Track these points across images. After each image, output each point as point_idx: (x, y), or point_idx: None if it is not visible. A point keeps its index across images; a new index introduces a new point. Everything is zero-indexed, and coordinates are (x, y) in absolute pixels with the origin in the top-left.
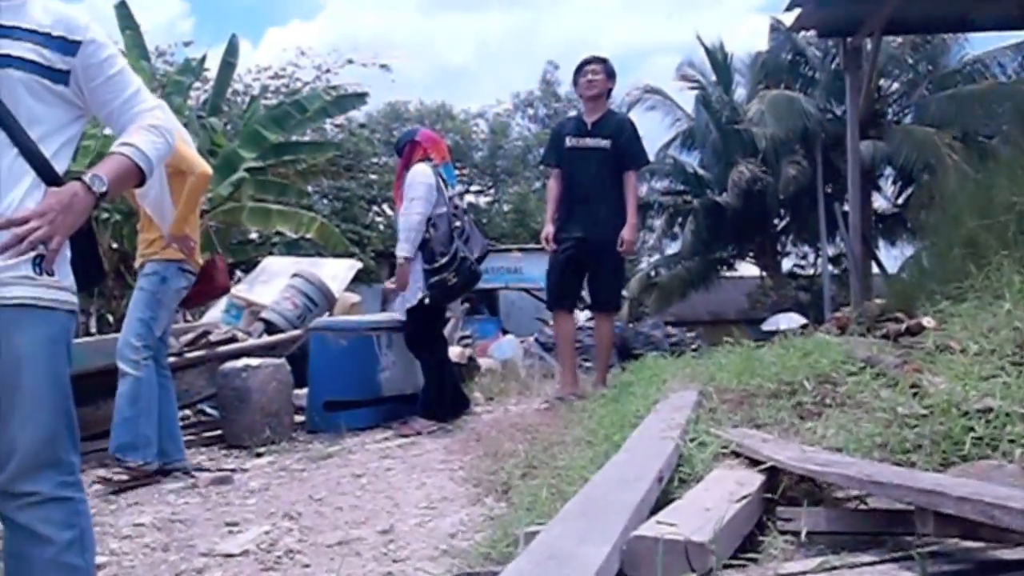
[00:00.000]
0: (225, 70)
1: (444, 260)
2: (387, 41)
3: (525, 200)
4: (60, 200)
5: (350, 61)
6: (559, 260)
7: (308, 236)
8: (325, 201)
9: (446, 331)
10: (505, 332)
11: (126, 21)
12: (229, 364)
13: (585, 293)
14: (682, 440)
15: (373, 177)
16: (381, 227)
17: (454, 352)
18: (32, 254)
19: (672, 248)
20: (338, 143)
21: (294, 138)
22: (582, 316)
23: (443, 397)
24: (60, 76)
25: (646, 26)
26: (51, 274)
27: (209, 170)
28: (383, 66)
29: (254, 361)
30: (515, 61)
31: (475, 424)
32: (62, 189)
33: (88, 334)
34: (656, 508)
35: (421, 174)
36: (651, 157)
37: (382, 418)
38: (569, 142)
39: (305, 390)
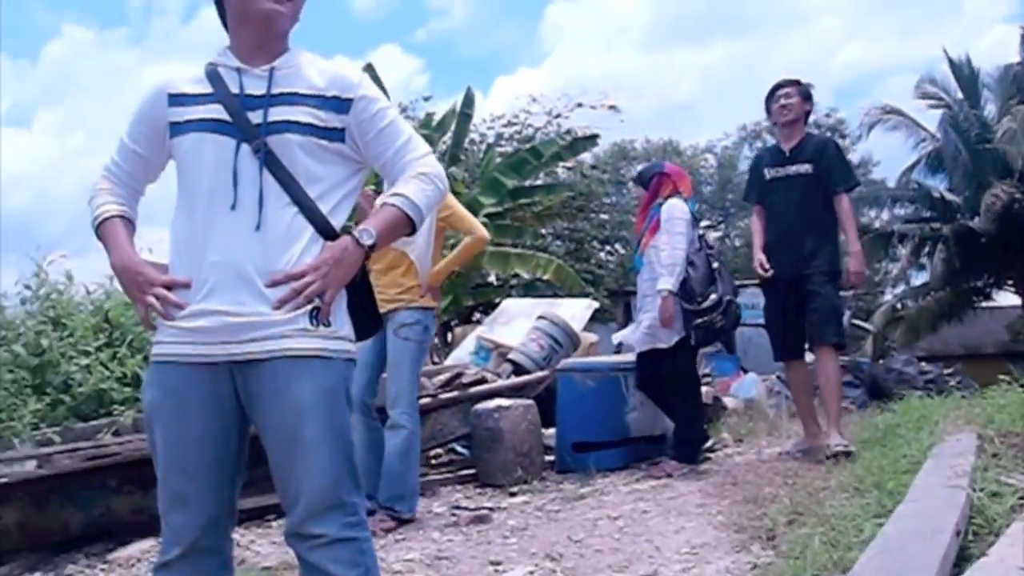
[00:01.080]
0: (462, 122)
1: (711, 302)
2: (613, 81)
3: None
4: (332, 255)
5: (579, 105)
6: (770, 307)
7: (545, 277)
8: (558, 242)
9: None
10: (744, 370)
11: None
12: (482, 405)
13: None
14: (971, 489)
15: (604, 217)
16: (612, 266)
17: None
18: (308, 307)
19: (919, 278)
20: (571, 184)
21: (528, 182)
22: None
23: (696, 438)
24: (336, 134)
25: (879, 46)
26: (327, 325)
27: (487, 235)
28: (612, 107)
29: (506, 402)
30: (741, 92)
31: (728, 466)
32: (335, 244)
33: None
34: (955, 564)
35: (680, 209)
36: (892, 183)
37: (631, 459)
38: (769, 174)
39: (552, 430)
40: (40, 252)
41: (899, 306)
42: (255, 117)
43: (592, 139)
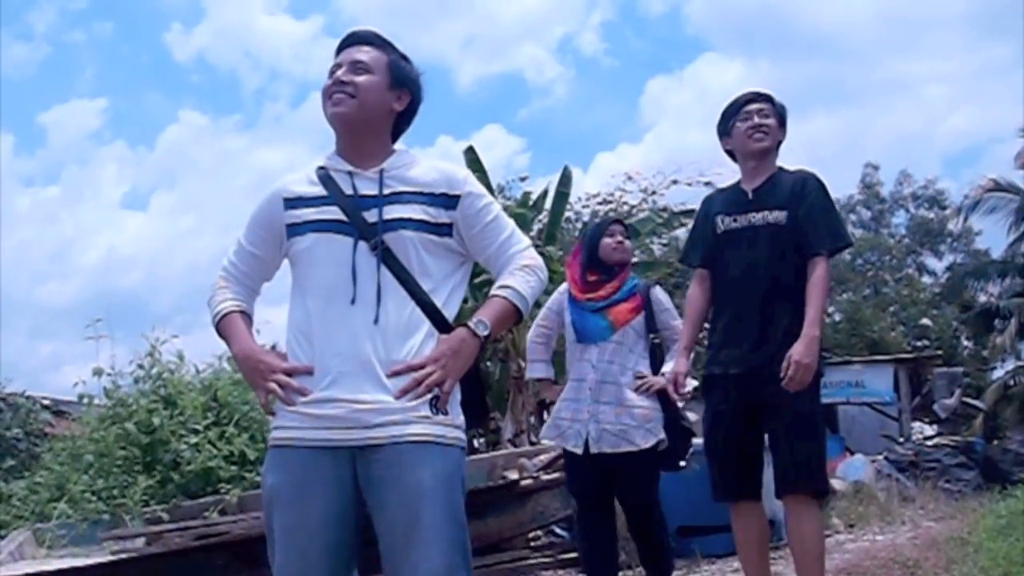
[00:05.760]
0: (559, 200)
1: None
2: (713, 155)
3: (858, 308)
4: (451, 346)
5: (675, 182)
6: (711, 421)
7: None
8: None
9: None
10: (850, 451)
11: (474, 164)
12: None
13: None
14: None
15: None
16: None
17: None
18: (429, 396)
19: None
20: (667, 261)
21: None
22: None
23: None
24: (445, 229)
25: (989, 113)
26: (446, 413)
27: None
28: (708, 184)
29: None
30: (842, 164)
31: (840, 554)
32: (452, 336)
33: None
34: None
35: None
36: (996, 253)
37: None
38: (722, 224)
39: None
40: (154, 332)
41: (1011, 383)
42: (370, 216)
43: (689, 214)
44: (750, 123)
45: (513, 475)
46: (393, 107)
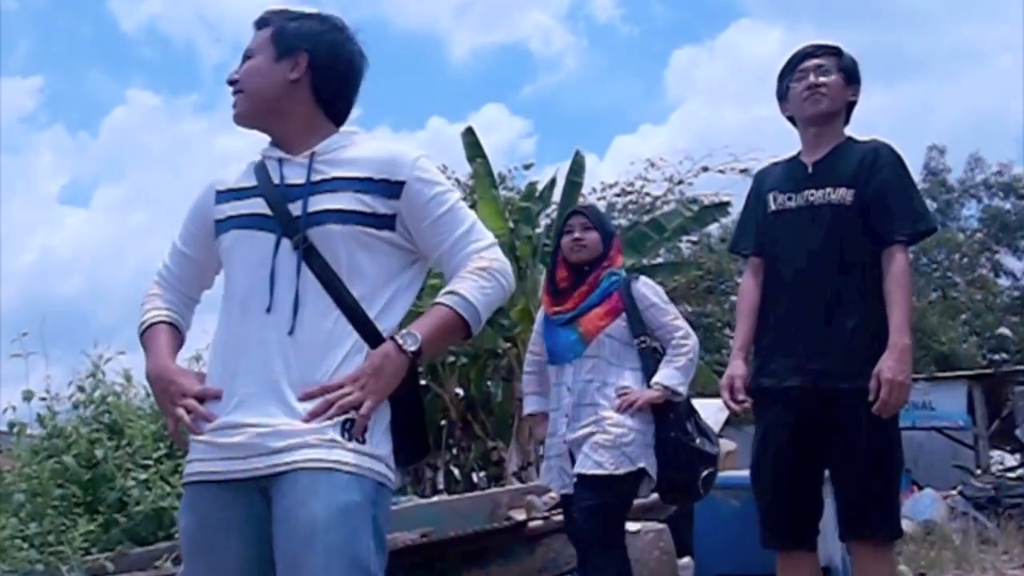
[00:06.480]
0: (570, 190)
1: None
2: (751, 137)
3: (923, 316)
4: (371, 364)
5: (705, 169)
6: (762, 446)
7: None
8: None
9: None
10: (918, 485)
11: (473, 150)
12: None
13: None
14: None
15: (736, 299)
16: None
17: None
18: (341, 418)
19: None
20: (697, 262)
21: (647, 261)
22: None
23: None
24: (385, 221)
25: None
26: (362, 441)
27: None
28: (743, 171)
29: (633, 526)
30: (903, 145)
31: None
32: (375, 352)
33: (436, 491)
34: None
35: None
36: None
37: None
38: (775, 203)
39: (688, 560)
40: (96, 348)
41: None
42: (295, 209)
43: (722, 207)
44: (806, 82)
45: (520, 515)
46: (288, 78)
